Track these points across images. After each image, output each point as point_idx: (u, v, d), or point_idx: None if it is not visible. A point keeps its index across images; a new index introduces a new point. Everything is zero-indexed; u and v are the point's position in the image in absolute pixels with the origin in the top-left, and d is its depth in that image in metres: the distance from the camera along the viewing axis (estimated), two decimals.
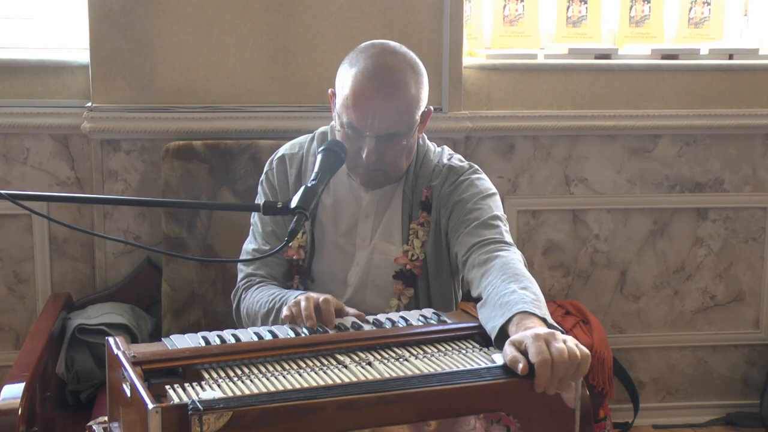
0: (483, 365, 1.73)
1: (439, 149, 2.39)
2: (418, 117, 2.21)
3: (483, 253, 2.11)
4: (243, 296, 2.31)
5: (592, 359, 1.71)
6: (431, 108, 2.29)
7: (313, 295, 2.03)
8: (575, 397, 1.70)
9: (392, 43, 2.25)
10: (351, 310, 2.04)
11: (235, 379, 1.68)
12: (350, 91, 2.16)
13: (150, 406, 1.49)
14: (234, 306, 2.36)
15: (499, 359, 1.73)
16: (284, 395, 1.56)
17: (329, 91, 2.29)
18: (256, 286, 2.30)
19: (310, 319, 1.95)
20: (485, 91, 3.19)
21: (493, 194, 2.29)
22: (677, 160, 3.35)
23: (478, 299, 2.01)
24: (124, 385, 1.66)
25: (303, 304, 1.99)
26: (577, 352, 1.67)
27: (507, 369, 1.68)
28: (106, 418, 1.88)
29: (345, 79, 2.19)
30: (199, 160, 2.91)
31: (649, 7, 3.43)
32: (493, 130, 3.20)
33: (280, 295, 2.19)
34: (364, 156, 2.17)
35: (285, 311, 2.03)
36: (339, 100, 2.21)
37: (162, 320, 2.92)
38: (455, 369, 1.71)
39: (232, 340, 1.84)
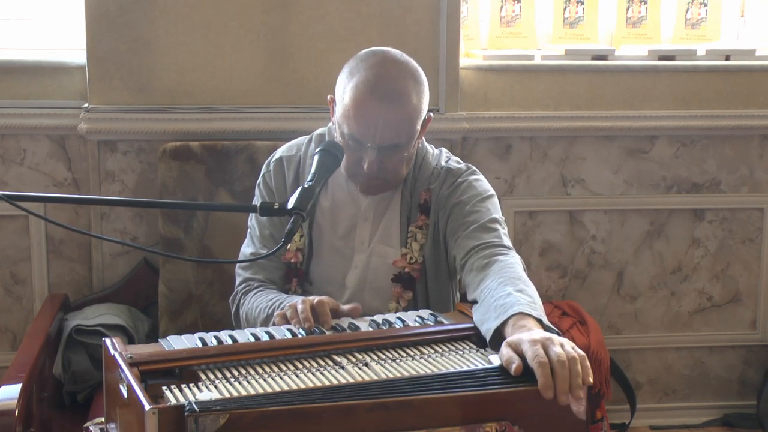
0: (480, 366, 1.73)
1: (437, 151, 2.38)
2: (419, 126, 2.20)
3: (481, 257, 2.10)
4: (242, 301, 2.31)
5: (589, 361, 1.70)
6: (431, 115, 2.26)
7: (308, 297, 2.03)
8: (586, 408, 1.69)
9: (393, 51, 2.21)
10: (345, 307, 2.04)
11: (232, 380, 1.68)
12: (351, 102, 2.13)
13: (147, 407, 1.49)
14: (233, 311, 2.36)
15: (495, 360, 1.72)
16: (282, 398, 1.56)
17: (328, 97, 2.28)
18: (254, 291, 2.29)
19: (308, 321, 1.95)
20: (482, 92, 3.19)
21: (491, 196, 2.29)
22: (674, 161, 3.35)
23: (475, 302, 2.01)
24: (121, 386, 1.66)
25: (299, 307, 1.99)
26: (575, 354, 1.67)
27: (510, 374, 1.66)
28: (103, 419, 1.88)
29: (345, 88, 2.16)
30: (196, 161, 2.91)
31: (646, 8, 3.43)
32: (490, 131, 3.20)
33: (278, 300, 2.19)
34: (365, 167, 2.16)
35: (276, 316, 2.03)
36: (339, 110, 2.18)
37: (159, 321, 2.92)
38: (452, 370, 1.71)
39: (229, 341, 1.84)
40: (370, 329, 1.95)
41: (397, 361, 1.78)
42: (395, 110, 2.12)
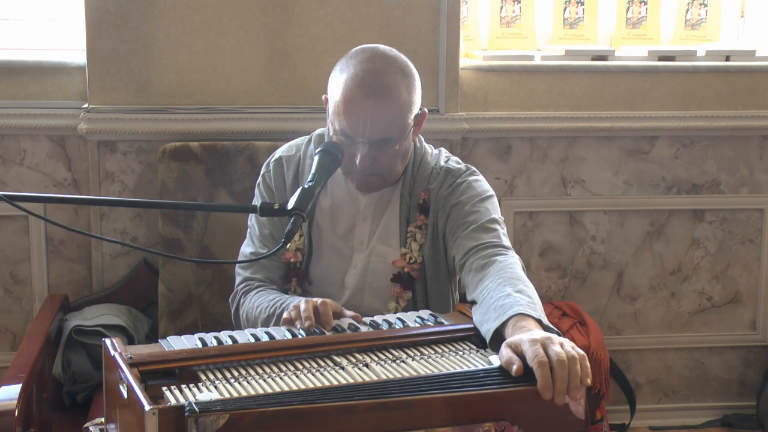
0: (480, 367, 1.72)
1: (436, 151, 2.38)
2: (410, 120, 2.20)
3: (480, 257, 2.10)
4: (242, 300, 2.31)
5: (588, 361, 1.70)
6: (425, 110, 2.27)
7: (312, 299, 2.04)
8: (584, 408, 1.69)
9: (382, 47, 2.23)
10: (348, 312, 2.05)
11: (232, 380, 1.68)
12: (341, 98, 2.15)
13: (147, 407, 1.49)
14: (233, 310, 2.36)
15: (496, 361, 1.72)
16: (282, 398, 1.56)
17: (323, 96, 2.29)
18: (255, 291, 2.30)
19: (309, 319, 1.95)
20: (482, 93, 3.19)
21: (490, 196, 2.29)
22: (674, 162, 3.35)
23: (474, 303, 2.01)
24: (121, 387, 1.66)
25: (302, 306, 1.99)
26: (575, 353, 1.67)
27: (510, 375, 1.66)
28: (102, 420, 1.88)
29: (336, 85, 2.18)
30: (195, 162, 2.91)
31: (646, 9, 3.43)
32: (489, 132, 3.20)
33: (280, 300, 2.19)
34: (357, 162, 2.16)
35: (285, 315, 2.04)
36: (331, 107, 2.20)
37: (159, 321, 2.92)
38: (452, 371, 1.71)
39: (229, 342, 1.84)
40: (370, 330, 1.95)
41: (397, 361, 1.78)
42: (384, 104, 2.13)
